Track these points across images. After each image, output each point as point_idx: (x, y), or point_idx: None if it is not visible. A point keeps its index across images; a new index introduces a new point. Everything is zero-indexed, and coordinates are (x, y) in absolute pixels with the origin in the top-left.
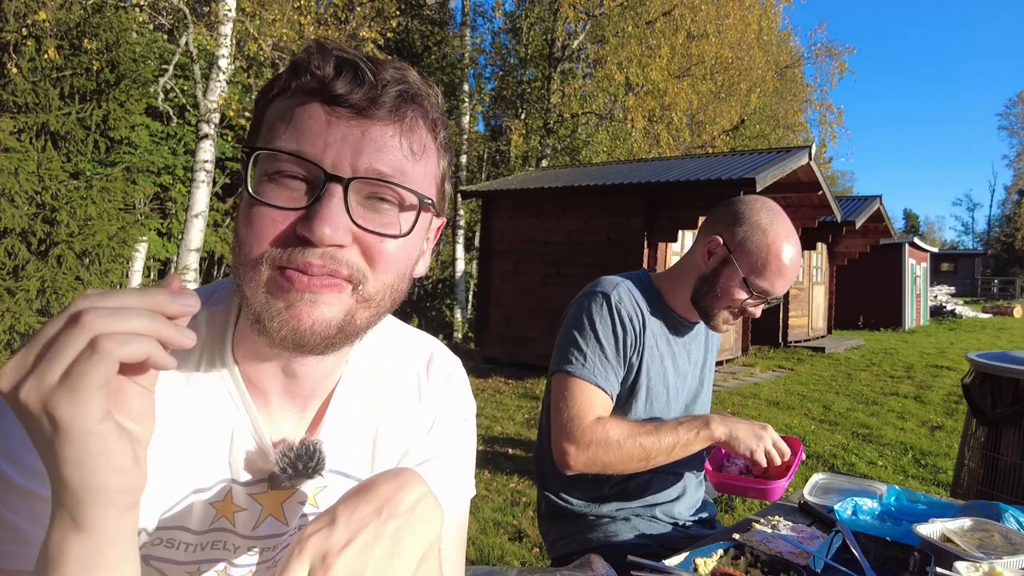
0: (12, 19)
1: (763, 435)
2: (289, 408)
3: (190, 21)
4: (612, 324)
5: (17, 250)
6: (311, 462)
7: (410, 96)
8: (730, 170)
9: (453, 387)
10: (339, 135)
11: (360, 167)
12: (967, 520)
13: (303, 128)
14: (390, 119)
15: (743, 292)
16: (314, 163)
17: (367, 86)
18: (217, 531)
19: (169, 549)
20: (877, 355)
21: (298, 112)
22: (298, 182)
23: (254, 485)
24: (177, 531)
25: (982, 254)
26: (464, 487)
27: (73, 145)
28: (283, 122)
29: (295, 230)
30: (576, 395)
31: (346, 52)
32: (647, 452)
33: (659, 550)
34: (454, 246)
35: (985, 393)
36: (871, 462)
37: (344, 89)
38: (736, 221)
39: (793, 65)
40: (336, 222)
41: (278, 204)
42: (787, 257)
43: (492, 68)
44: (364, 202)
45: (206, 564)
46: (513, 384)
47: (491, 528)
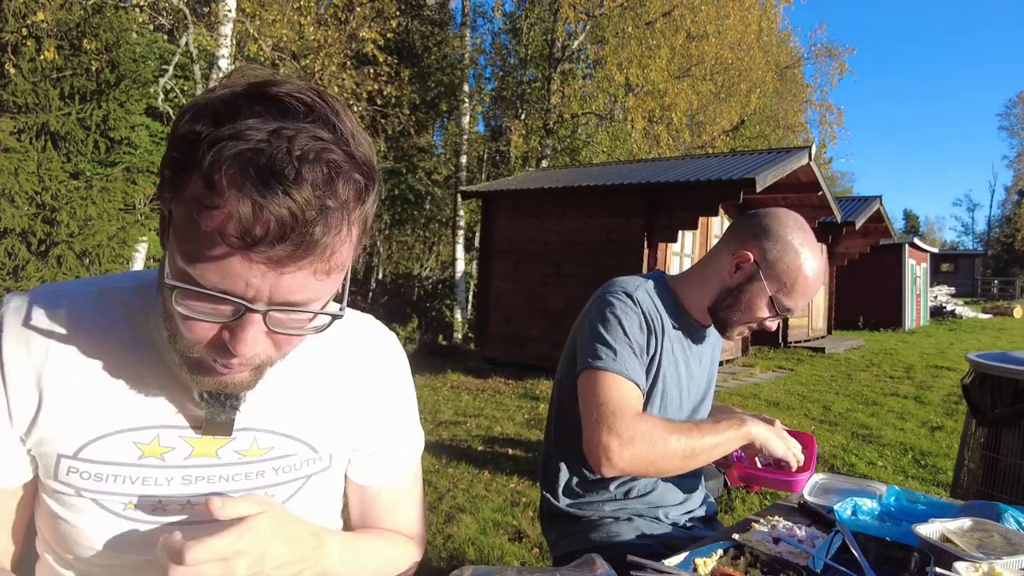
0: (12, 19)
1: (784, 435)
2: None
3: (190, 21)
4: (638, 321)
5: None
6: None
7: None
8: (730, 170)
9: (391, 357)
10: (257, 278)
11: (276, 299)
12: (967, 520)
13: (225, 270)
14: (306, 263)
15: (767, 309)
16: (237, 298)
17: (287, 241)
18: (145, 467)
19: (99, 482)
20: (877, 355)
21: (218, 254)
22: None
23: (185, 430)
24: (106, 466)
25: (982, 254)
26: (417, 440)
27: (73, 145)
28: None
29: (220, 336)
30: (613, 389)
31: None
32: (692, 450)
33: (660, 550)
34: (454, 246)
35: (985, 393)
36: (871, 462)
37: (264, 246)
38: (768, 237)
39: (793, 66)
40: (255, 341)
41: (205, 319)
42: (814, 277)
43: (492, 68)
44: (279, 316)
45: (141, 497)
46: (513, 384)
47: (491, 528)
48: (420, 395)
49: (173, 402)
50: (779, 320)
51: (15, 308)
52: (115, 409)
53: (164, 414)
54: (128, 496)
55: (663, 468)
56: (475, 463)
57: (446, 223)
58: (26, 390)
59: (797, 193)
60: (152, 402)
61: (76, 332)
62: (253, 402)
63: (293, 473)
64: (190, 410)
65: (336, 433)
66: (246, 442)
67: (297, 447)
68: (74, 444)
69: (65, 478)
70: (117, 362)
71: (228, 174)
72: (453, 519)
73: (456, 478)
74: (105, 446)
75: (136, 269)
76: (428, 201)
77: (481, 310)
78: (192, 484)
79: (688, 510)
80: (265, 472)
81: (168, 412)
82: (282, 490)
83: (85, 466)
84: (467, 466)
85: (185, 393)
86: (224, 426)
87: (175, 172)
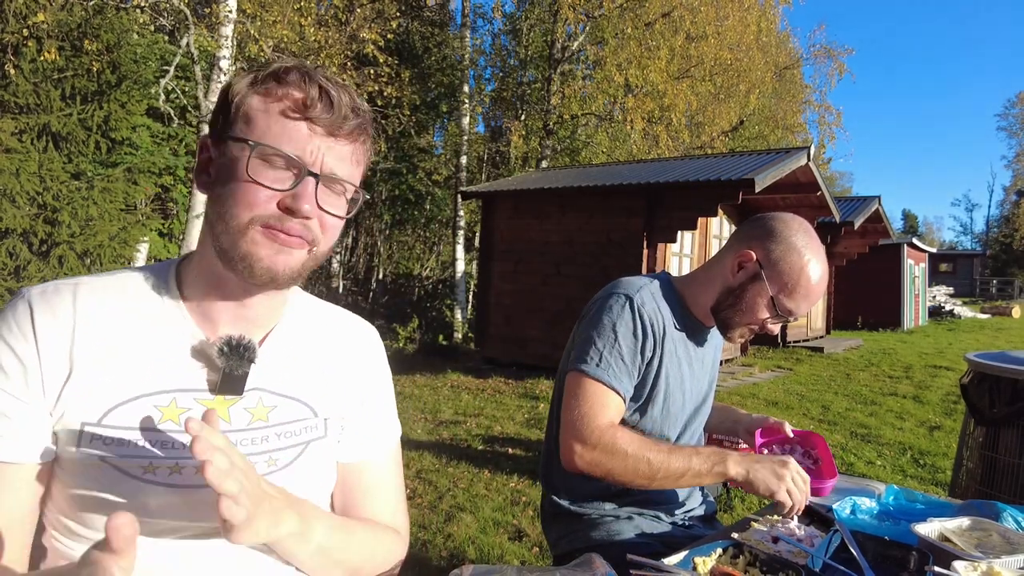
0: (13, 20)
1: (783, 473)
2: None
3: (191, 22)
4: (633, 327)
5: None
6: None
7: (360, 123)
8: (729, 171)
9: (376, 349)
10: (315, 145)
11: (326, 168)
12: (965, 520)
13: (293, 135)
14: (348, 140)
15: (768, 310)
16: (300, 162)
17: (336, 113)
18: (164, 432)
19: (121, 447)
20: (876, 355)
21: (289, 122)
22: (284, 170)
23: (200, 392)
24: (128, 431)
25: (981, 254)
26: (395, 427)
27: (74, 146)
28: (276, 124)
29: (278, 203)
30: (588, 394)
31: (323, 80)
32: (653, 470)
33: (660, 548)
34: (454, 246)
35: (983, 393)
36: (870, 462)
37: (321, 114)
38: (771, 238)
39: (792, 66)
40: (312, 201)
41: (269, 184)
42: (816, 280)
43: (492, 69)
44: (323, 191)
45: (157, 459)
46: (513, 384)
47: (491, 527)
48: (420, 395)
49: (190, 367)
50: (781, 323)
51: (40, 290)
52: (136, 375)
53: (181, 378)
54: (147, 459)
55: (622, 479)
56: (475, 462)
57: (446, 223)
58: (59, 362)
59: (796, 193)
60: (170, 367)
61: (99, 306)
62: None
63: (294, 439)
64: (204, 374)
65: (330, 397)
66: (252, 400)
67: (297, 408)
68: (98, 411)
69: (88, 446)
70: (138, 332)
71: (293, 74)
72: (453, 518)
73: (456, 477)
74: (127, 411)
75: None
76: (428, 201)
77: (481, 310)
78: None
79: (687, 509)
80: (269, 437)
81: (184, 376)
82: (285, 454)
83: (109, 432)
84: (467, 465)
85: (202, 357)
86: (239, 381)
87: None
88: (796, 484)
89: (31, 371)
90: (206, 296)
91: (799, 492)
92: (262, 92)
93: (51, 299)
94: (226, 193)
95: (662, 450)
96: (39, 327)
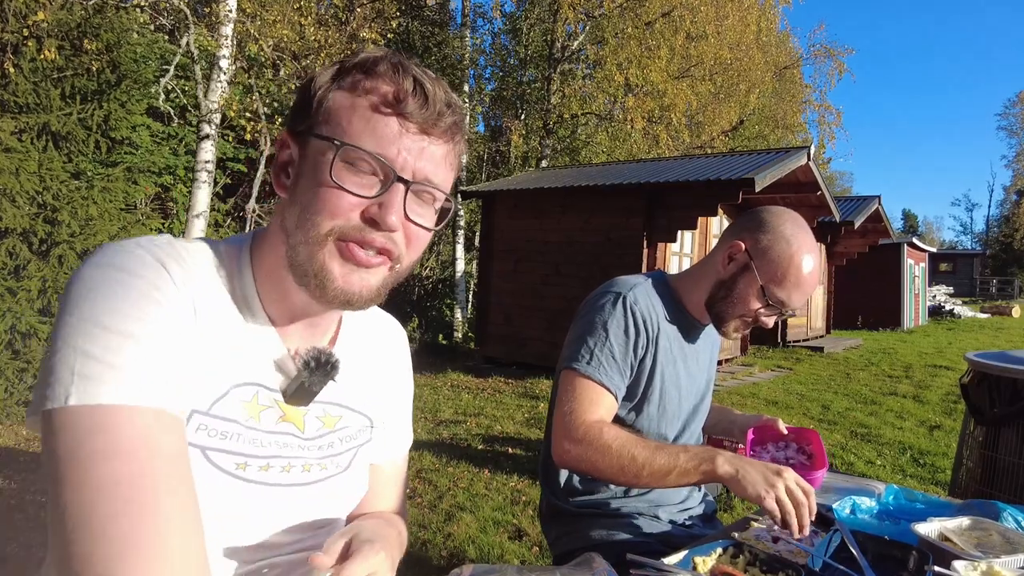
0: (12, 19)
1: (775, 481)
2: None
3: (191, 22)
4: (625, 325)
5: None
6: (330, 360)
7: (459, 119)
8: (729, 170)
9: (407, 351)
10: (407, 145)
11: (418, 173)
12: (965, 519)
13: (382, 133)
14: (442, 139)
15: (759, 301)
16: (390, 165)
17: (431, 108)
18: (250, 428)
19: (223, 440)
20: (876, 355)
21: (378, 119)
22: (370, 174)
23: (275, 392)
24: (229, 423)
25: (981, 254)
26: (409, 434)
27: (74, 145)
28: (361, 121)
29: (365, 213)
30: (579, 392)
31: (417, 71)
32: (638, 466)
33: (660, 548)
34: (454, 246)
35: (983, 393)
36: (870, 461)
37: (414, 109)
38: (760, 228)
39: (792, 66)
40: (400, 213)
41: (353, 191)
42: (807, 270)
43: (492, 69)
44: (412, 198)
45: (250, 457)
46: (513, 384)
47: (491, 527)
48: (420, 394)
49: (265, 363)
50: (775, 316)
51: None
52: (229, 362)
53: (259, 372)
54: (241, 456)
55: (608, 476)
56: (475, 462)
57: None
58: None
59: (796, 193)
60: (251, 359)
61: (202, 283)
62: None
63: (351, 443)
64: (278, 375)
65: (377, 403)
66: (321, 410)
67: (358, 419)
68: (208, 399)
69: (194, 436)
70: (231, 317)
71: (387, 63)
72: (453, 518)
73: (456, 477)
74: (229, 402)
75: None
76: None
77: (481, 310)
78: (283, 448)
79: (687, 508)
80: (334, 443)
81: (262, 371)
82: (343, 459)
83: (214, 423)
84: (467, 465)
85: (280, 363)
86: (312, 395)
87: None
88: (792, 496)
89: (190, 322)
90: (277, 297)
91: (791, 506)
92: (348, 86)
93: (173, 257)
94: (307, 199)
95: (648, 447)
96: (178, 282)
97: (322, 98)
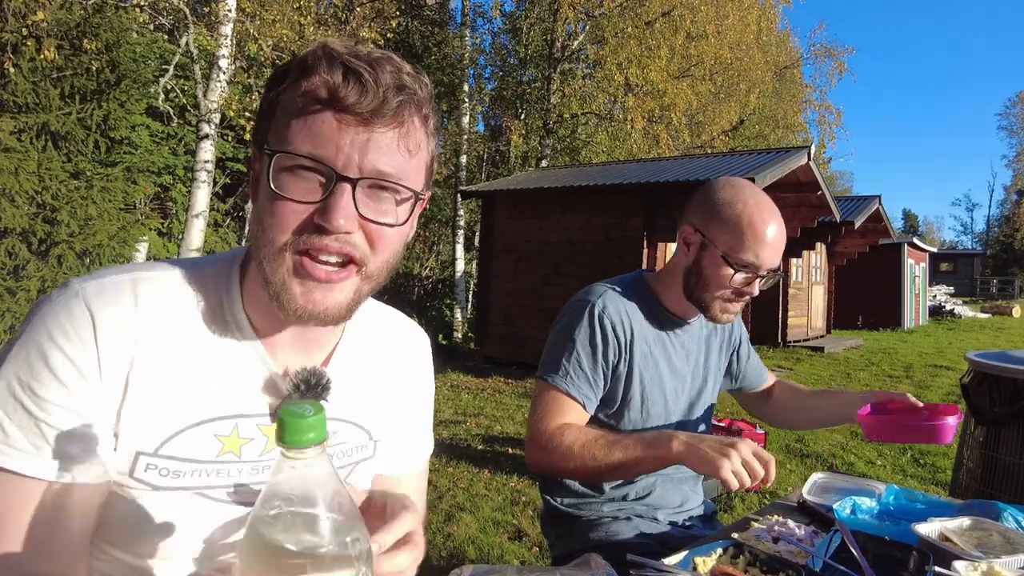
0: (12, 19)
1: (730, 453)
2: (296, 356)
3: (190, 21)
4: (591, 334)
5: (18, 250)
6: (321, 381)
7: (407, 100)
8: (729, 170)
9: (427, 359)
10: (348, 139)
11: (366, 168)
12: (966, 519)
13: (317, 132)
14: (391, 124)
15: (728, 270)
16: (328, 165)
17: (370, 95)
18: (222, 463)
19: (177, 478)
20: (876, 355)
21: (312, 117)
22: (313, 177)
23: (262, 417)
24: (185, 463)
25: (981, 254)
26: (429, 443)
27: (73, 145)
28: (297, 122)
29: (312, 219)
30: (545, 401)
31: (351, 60)
32: (598, 464)
33: (659, 549)
34: (454, 246)
35: (984, 393)
36: (870, 461)
37: (352, 99)
38: (701, 204)
39: (792, 66)
40: (347, 214)
41: (296, 198)
42: (762, 222)
43: (492, 68)
44: (368, 193)
45: (212, 489)
46: (513, 384)
47: (491, 527)
48: None
49: (252, 389)
50: (755, 280)
51: (96, 288)
52: (196, 399)
53: (243, 400)
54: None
55: (575, 477)
56: (475, 462)
57: (446, 223)
58: (118, 378)
59: (796, 193)
60: (232, 388)
61: (161, 313)
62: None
63: (347, 459)
64: (266, 398)
65: (384, 417)
66: None
67: (355, 433)
68: (155, 440)
69: (143, 475)
70: (198, 349)
71: (319, 58)
72: (453, 518)
73: (456, 477)
74: (186, 441)
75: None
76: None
77: (481, 310)
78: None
79: (687, 510)
80: None
81: (247, 398)
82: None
83: (164, 463)
84: (467, 465)
85: (269, 385)
86: None
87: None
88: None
89: (92, 385)
90: (266, 313)
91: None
92: (288, 88)
93: (111, 301)
94: (260, 212)
95: (607, 444)
96: (101, 336)
97: (267, 106)
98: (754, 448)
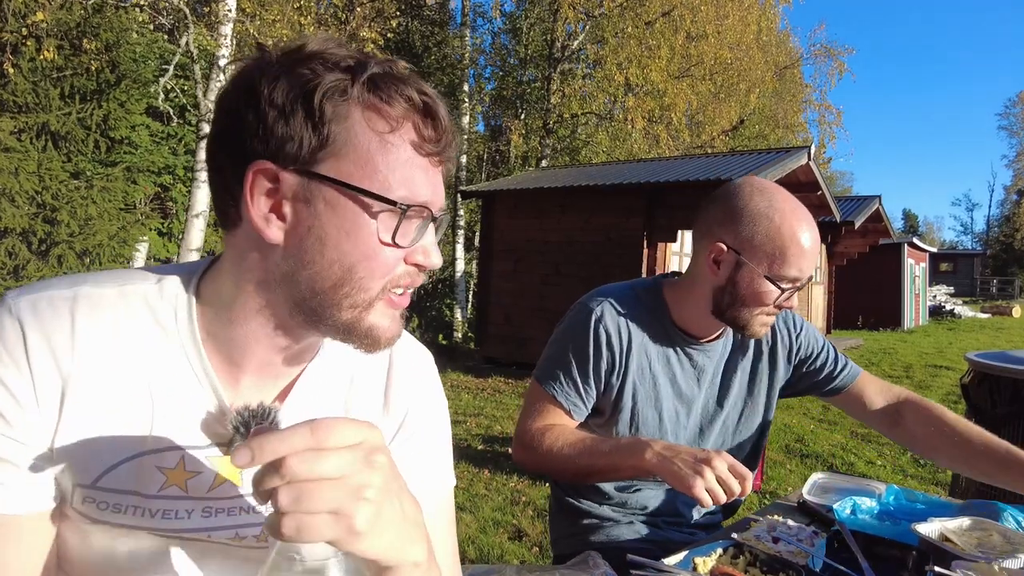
0: (12, 19)
1: (702, 469)
2: (258, 383)
3: (190, 21)
4: (585, 342)
5: (18, 250)
6: (264, 421)
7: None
8: (729, 170)
9: (428, 379)
10: (434, 179)
11: (440, 206)
12: (966, 519)
13: (417, 179)
14: (451, 154)
15: (771, 288)
16: (431, 209)
17: (443, 135)
18: (166, 498)
19: (117, 514)
20: (876, 355)
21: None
22: (415, 219)
23: (210, 449)
24: (125, 495)
25: (981, 254)
26: (445, 478)
27: (73, 145)
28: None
29: (406, 259)
30: (533, 401)
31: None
32: (579, 467)
33: (660, 554)
34: (454, 246)
35: (984, 393)
36: (870, 461)
37: (433, 138)
38: (732, 218)
39: (792, 65)
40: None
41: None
42: (804, 234)
43: (492, 68)
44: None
45: (158, 531)
46: (513, 384)
47: (491, 527)
48: None
49: (201, 417)
50: (797, 291)
51: (29, 304)
52: (138, 429)
53: (190, 432)
54: (145, 529)
55: (557, 478)
56: (475, 462)
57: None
58: (52, 403)
59: (796, 193)
60: (179, 418)
61: (100, 334)
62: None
63: None
64: (218, 427)
65: None
66: None
67: None
68: (93, 472)
69: (80, 507)
70: (142, 374)
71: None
72: None
73: (456, 477)
74: (125, 473)
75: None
76: None
77: (481, 310)
78: (212, 517)
79: (690, 518)
80: None
81: (194, 429)
82: None
83: (103, 496)
84: (467, 465)
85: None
86: None
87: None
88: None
89: (28, 409)
90: (232, 335)
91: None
92: (366, 105)
93: (46, 319)
94: (344, 258)
95: (584, 449)
96: (33, 355)
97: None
98: (730, 462)
